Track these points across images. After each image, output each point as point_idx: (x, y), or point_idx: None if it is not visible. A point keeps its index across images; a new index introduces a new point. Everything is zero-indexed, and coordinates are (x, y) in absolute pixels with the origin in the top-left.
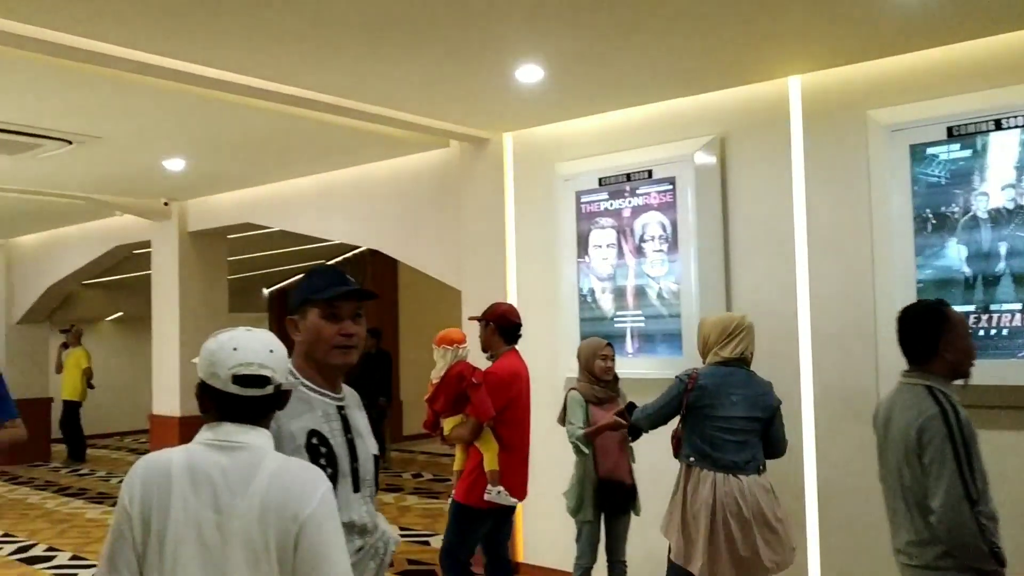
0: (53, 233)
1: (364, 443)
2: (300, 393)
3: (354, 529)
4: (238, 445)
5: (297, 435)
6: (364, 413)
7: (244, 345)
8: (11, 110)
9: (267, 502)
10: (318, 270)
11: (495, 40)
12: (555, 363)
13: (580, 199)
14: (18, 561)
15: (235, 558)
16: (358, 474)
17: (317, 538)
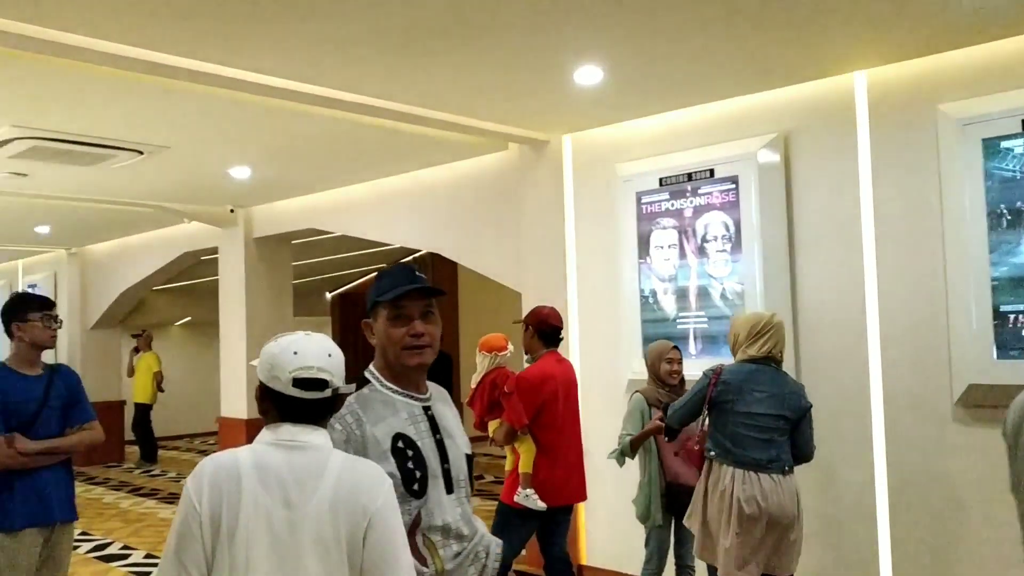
0: (124, 241)
1: (455, 443)
2: (383, 396)
3: (450, 533)
4: (302, 444)
5: (382, 440)
6: (455, 411)
7: (304, 349)
8: (86, 123)
9: (336, 498)
10: (388, 270)
11: (554, 43)
12: (616, 365)
13: (640, 200)
14: (95, 559)
15: (306, 553)
16: (450, 475)
17: (384, 532)
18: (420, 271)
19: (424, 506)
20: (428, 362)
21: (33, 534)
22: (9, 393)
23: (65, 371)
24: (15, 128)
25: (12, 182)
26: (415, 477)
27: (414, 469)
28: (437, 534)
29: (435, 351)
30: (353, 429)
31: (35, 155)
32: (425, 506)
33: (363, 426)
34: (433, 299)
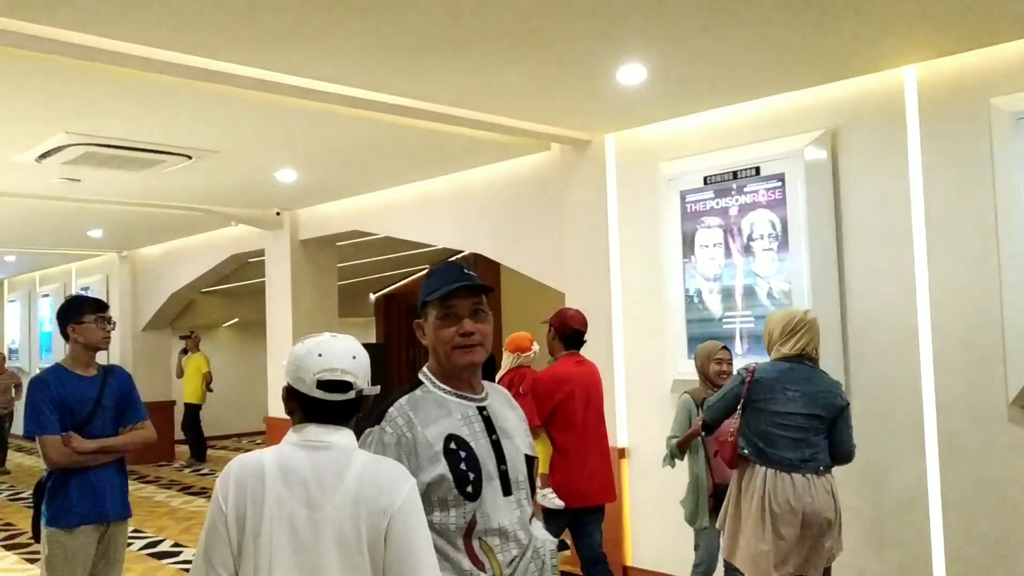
0: (173, 244)
1: (513, 443)
2: (435, 397)
3: (507, 536)
4: (326, 445)
5: (434, 441)
6: (518, 411)
7: (328, 352)
8: (137, 129)
9: (358, 497)
10: (436, 269)
11: (597, 42)
12: (661, 365)
13: (685, 199)
14: (147, 556)
15: (328, 552)
16: (507, 477)
17: (405, 531)
18: (470, 269)
19: (479, 509)
20: (479, 361)
21: (89, 531)
22: (66, 393)
23: (119, 372)
24: (69, 135)
25: (66, 187)
26: (468, 479)
27: (467, 471)
28: (495, 537)
29: (487, 350)
30: (404, 432)
31: (88, 161)
32: (480, 508)
33: (414, 428)
34: (483, 297)
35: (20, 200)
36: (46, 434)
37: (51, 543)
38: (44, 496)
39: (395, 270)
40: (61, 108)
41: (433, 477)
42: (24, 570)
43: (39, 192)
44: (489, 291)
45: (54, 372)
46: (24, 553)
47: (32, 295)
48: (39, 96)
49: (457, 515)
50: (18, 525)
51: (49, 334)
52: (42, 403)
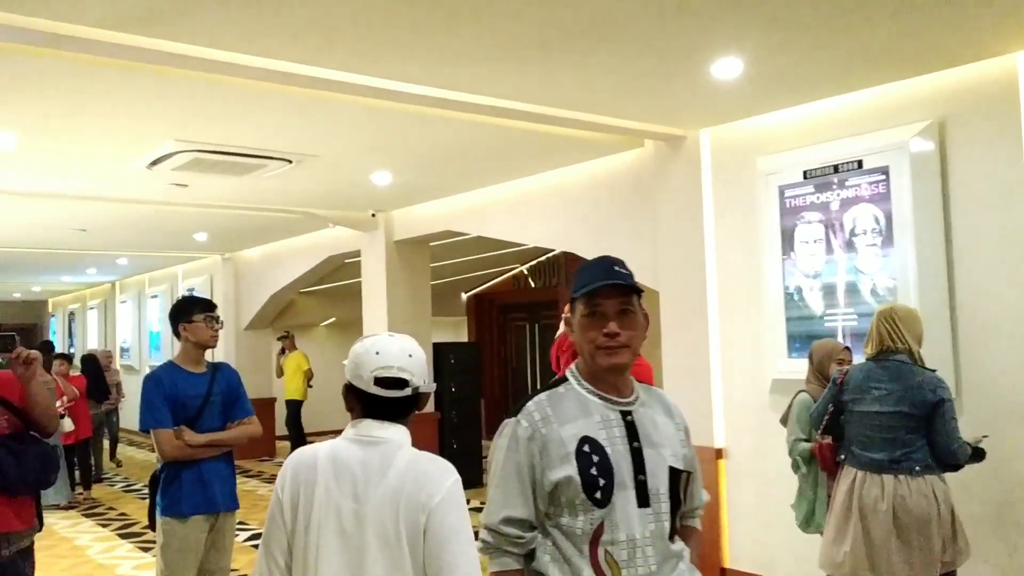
0: (274, 246)
1: (658, 453)
2: (578, 397)
3: (635, 548)
4: (377, 440)
5: (567, 441)
6: (676, 420)
7: (385, 350)
8: (241, 135)
9: (398, 492)
10: (588, 263)
11: (690, 37)
12: (760, 365)
13: (784, 194)
14: (251, 547)
15: (370, 544)
16: (645, 487)
17: (443, 527)
18: (621, 265)
19: (608, 516)
20: (623, 364)
21: (200, 521)
22: (177, 389)
23: (226, 369)
24: (177, 142)
25: (173, 193)
26: (598, 484)
27: (597, 476)
28: (622, 550)
29: (634, 353)
30: (539, 427)
31: (194, 167)
32: (609, 516)
33: (550, 425)
34: (634, 297)
35: (132, 205)
36: (160, 428)
37: (165, 531)
38: (159, 487)
39: (486, 269)
40: (171, 117)
41: (560, 477)
42: (138, 557)
43: (149, 197)
44: (639, 292)
45: (167, 369)
46: (137, 541)
47: (142, 296)
48: (150, 106)
49: (584, 520)
50: (132, 515)
51: (158, 333)
52: (156, 398)
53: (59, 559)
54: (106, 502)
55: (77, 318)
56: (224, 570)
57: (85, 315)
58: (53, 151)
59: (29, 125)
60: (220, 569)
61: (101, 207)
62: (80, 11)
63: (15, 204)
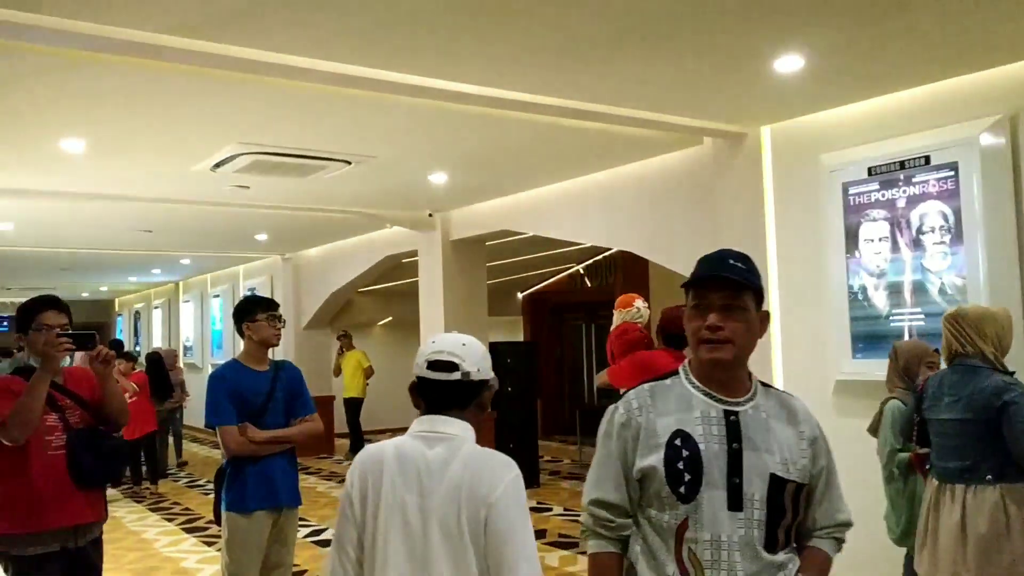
0: (332, 246)
1: (759, 458)
2: (682, 390)
3: (720, 552)
4: (441, 435)
5: (661, 432)
6: (799, 428)
7: (441, 339)
8: (301, 137)
9: (459, 487)
10: (706, 255)
11: (751, 32)
12: (822, 366)
13: (847, 191)
14: (311, 543)
15: (434, 538)
16: (740, 491)
17: (504, 521)
18: (739, 259)
19: (693, 514)
20: (724, 359)
21: (263, 516)
22: (241, 387)
23: (289, 367)
24: (240, 145)
25: (236, 194)
26: (682, 479)
27: (683, 471)
28: (706, 550)
29: (738, 349)
30: (636, 415)
31: (256, 169)
32: (695, 514)
33: (647, 414)
34: (744, 293)
35: (196, 207)
36: (224, 424)
37: (230, 526)
38: (224, 483)
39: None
40: (234, 120)
41: (645, 465)
42: (202, 551)
43: (212, 199)
44: (746, 288)
45: (231, 367)
46: (201, 536)
47: (204, 295)
48: (215, 110)
49: (670, 515)
50: (196, 510)
51: (220, 332)
52: (221, 395)
53: (127, 551)
54: (171, 497)
55: (142, 317)
56: (287, 565)
57: (150, 314)
58: (121, 155)
59: (98, 130)
60: (283, 563)
61: (166, 209)
62: (146, 18)
63: (85, 207)
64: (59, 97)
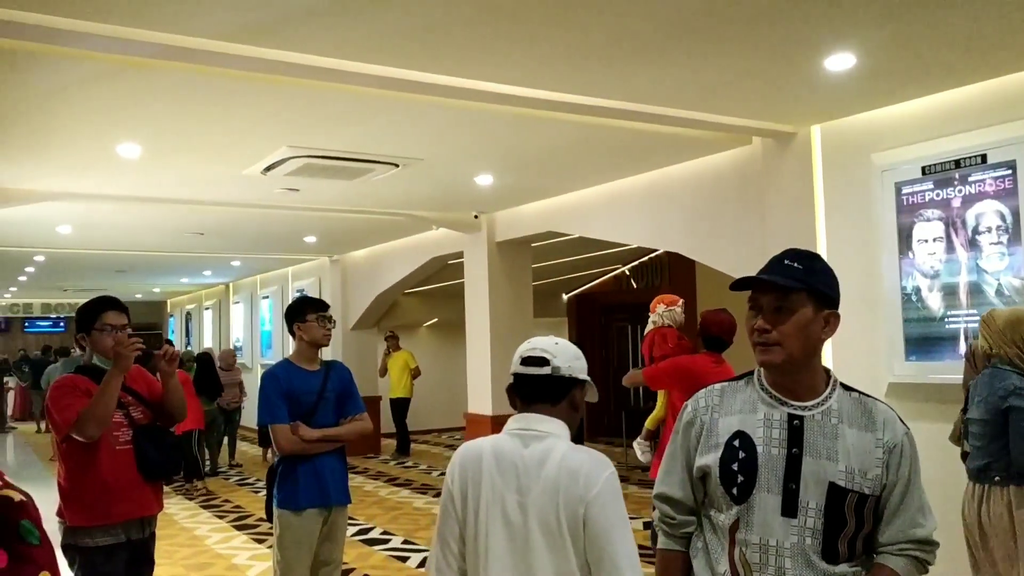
0: (379, 247)
1: (819, 464)
2: (749, 393)
3: (770, 556)
4: (536, 433)
5: (722, 432)
6: (876, 434)
7: (535, 340)
8: (350, 140)
9: (556, 485)
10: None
11: (801, 30)
12: (875, 367)
13: (900, 190)
14: (359, 542)
15: (535, 534)
16: (796, 496)
17: (602, 518)
18: (798, 259)
19: (745, 516)
20: (774, 362)
21: (314, 514)
22: (293, 386)
23: (339, 367)
24: (291, 148)
25: (285, 197)
26: (735, 480)
27: (737, 472)
28: (755, 553)
29: (789, 352)
30: (701, 413)
31: (306, 172)
32: (746, 516)
33: (712, 413)
34: (794, 295)
35: (246, 209)
36: (276, 423)
37: (282, 524)
38: (276, 481)
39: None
40: (286, 124)
41: (702, 463)
42: (253, 548)
43: (263, 202)
44: (790, 290)
45: (283, 366)
46: (252, 533)
47: (254, 297)
48: (267, 114)
49: (725, 515)
50: (247, 507)
51: (269, 332)
52: (273, 395)
53: (180, 547)
54: (222, 495)
55: (193, 318)
56: (336, 562)
57: (201, 315)
58: (175, 159)
59: (152, 135)
60: (333, 561)
61: (217, 211)
62: (198, 24)
63: (138, 210)
64: (115, 103)
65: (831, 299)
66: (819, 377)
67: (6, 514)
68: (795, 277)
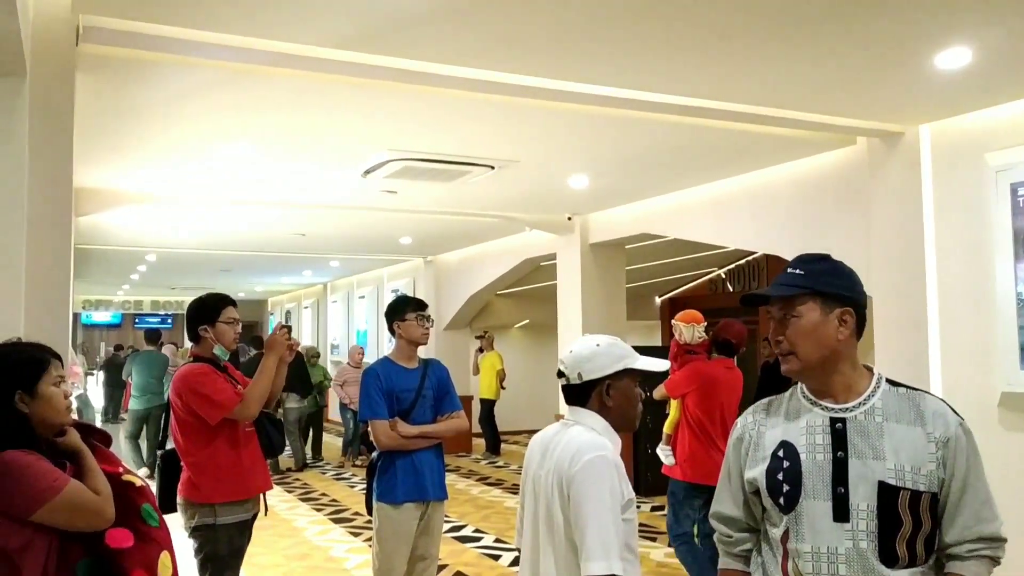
0: (472, 249)
1: (868, 466)
2: (794, 402)
3: (822, 565)
4: (567, 421)
5: (768, 445)
6: (927, 428)
7: (573, 343)
8: (448, 143)
9: (559, 463)
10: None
11: (910, 25)
12: (987, 376)
13: (1016, 192)
14: (452, 539)
15: (541, 505)
16: (845, 501)
17: (578, 495)
18: (801, 264)
19: (794, 525)
20: (793, 370)
21: (411, 508)
22: (392, 383)
23: (437, 365)
24: (391, 151)
25: (384, 199)
26: (781, 490)
27: (783, 481)
28: (807, 563)
29: (804, 357)
30: (749, 429)
31: (405, 174)
32: (795, 526)
33: (758, 427)
34: (797, 299)
35: (346, 211)
36: (376, 419)
37: (381, 517)
38: (375, 475)
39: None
40: (386, 129)
41: (751, 476)
42: (349, 541)
43: (361, 204)
44: (793, 296)
45: (383, 364)
46: (349, 526)
47: (351, 296)
48: (369, 118)
49: (776, 527)
50: (343, 501)
51: (365, 332)
52: (374, 391)
53: (280, 538)
54: (319, 488)
55: (293, 316)
56: (433, 556)
57: (300, 313)
58: (281, 162)
59: (261, 139)
60: (429, 555)
61: (319, 213)
62: (306, 32)
63: (245, 211)
64: (227, 109)
65: (843, 297)
66: (857, 377)
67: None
68: (795, 283)
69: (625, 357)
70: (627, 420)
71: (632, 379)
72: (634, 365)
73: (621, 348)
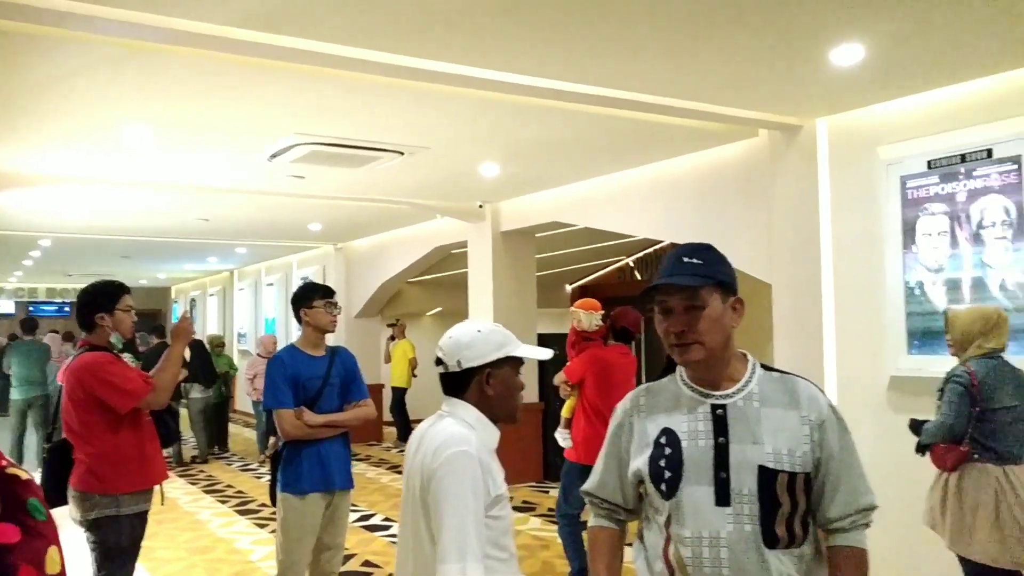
0: (382, 236)
1: (748, 451)
2: (675, 389)
3: (702, 549)
4: (440, 413)
5: (650, 432)
6: (801, 411)
7: (451, 329)
8: (357, 128)
9: (425, 456)
10: (668, 254)
11: (808, 21)
12: (878, 360)
13: (905, 184)
14: (360, 528)
15: (408, 501)
16: (727, 485)
17: (438, 491)
18: (695, 254)
19: (676, 512)
20: (696, 359)
21: (317, 499)
22: (299, 371)
23: (344, 353)
24: (297, 135)
25: (291, 184)
26: (663, 476)
27: (664, 468)
28: (687, 548)
29: (709, 346)
30: (630, 415)
31: (313, 159)
32: (676, 511)
33: (639, 414)
34: (702, 291)
35: (252, 196)
36: (281, 408)
37: (285, 507)
38: (280, 465)
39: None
40: (293, 111)
41: (635, 466)
42: (254, 533)
43: (268, 189)
44: (699, 287)
45: (289, 352)
46: (254, 518)
47: (258, 284)
48: (274, 101)
49: (659, 513)
50: (249, 492)
51: (273, 320)
52: (279, 380)
53: (182, 531)
54: (224, 480)
55: (198, 304)
56: (339, 546)
57: (205, 301)
58: (182, 145)
59: (160, 120)
60: (335, 545)
61: (223, 198)
62: (207, 10)
63: (145, 195)
64: (124, 88)
65: (734, 287)
66: (737, 364)
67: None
68: (699, 273)
69: (506, 344)
70: (508, 410)
71: (513, 367)
72: (515, 352)
73: (502, 335)
